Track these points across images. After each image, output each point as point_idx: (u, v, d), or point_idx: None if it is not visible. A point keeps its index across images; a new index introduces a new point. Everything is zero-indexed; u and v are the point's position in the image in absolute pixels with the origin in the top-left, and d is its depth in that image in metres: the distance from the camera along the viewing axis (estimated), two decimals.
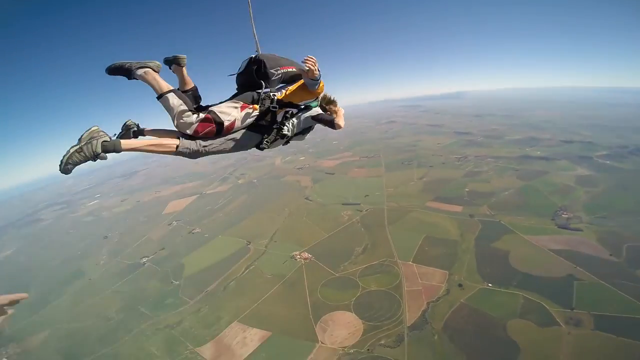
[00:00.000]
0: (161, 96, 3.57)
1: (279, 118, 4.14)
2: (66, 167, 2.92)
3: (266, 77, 4.00)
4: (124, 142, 3.21)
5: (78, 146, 2.98)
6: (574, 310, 28.70)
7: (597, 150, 77.81)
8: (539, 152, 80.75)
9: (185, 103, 3.61)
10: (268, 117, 4.06)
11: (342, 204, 59.54)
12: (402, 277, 36.09)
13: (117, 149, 3.11)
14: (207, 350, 31.92)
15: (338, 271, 39.56)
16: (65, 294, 48.96)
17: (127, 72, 3.54)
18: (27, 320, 42.52)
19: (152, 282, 46.85)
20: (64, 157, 2.91)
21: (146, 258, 54.73)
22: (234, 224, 60.61)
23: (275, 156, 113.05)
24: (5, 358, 36.29)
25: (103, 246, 65.33)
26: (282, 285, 39.58)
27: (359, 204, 58.22)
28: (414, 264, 38.17)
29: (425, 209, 52.58)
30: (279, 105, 4.06)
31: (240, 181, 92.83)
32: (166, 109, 3.58)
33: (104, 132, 3.14)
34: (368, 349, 28.20)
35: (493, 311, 29.77)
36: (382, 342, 28.61)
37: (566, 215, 45.96)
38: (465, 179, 64.36)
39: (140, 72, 3.55)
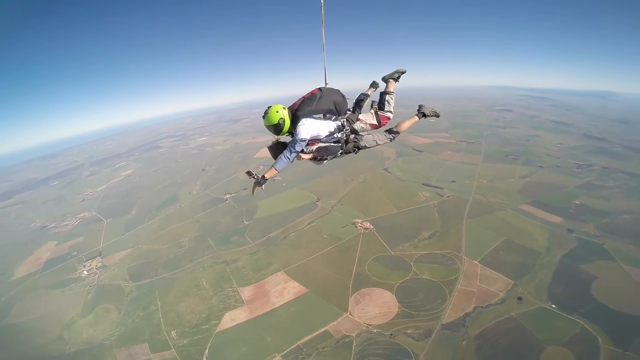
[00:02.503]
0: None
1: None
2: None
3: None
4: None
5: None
6: (627, 352, 24.10)
7: None
8: None
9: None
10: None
11: (423, 184, 56.95)
12: (460, 274, 33.74)
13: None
14: (247, 291, 35.31)
15: (395, 250, 38.74)
16: (157, 216, 58.91)
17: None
18: (119, 238, 52.50)
19: (226, 218, 53.08)
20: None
21: (229, 195, 62.00)
22: (311, 179, 63.23)
23: None
24: (86, 271, 44.25)
25: (199, 178, 76.33)
26: (336, 248, 40.55)
27: (442, 188, 54.82)
28: (480, 264, 35.18)
29: (517, 210, 46.82)
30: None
31: None
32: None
33: None
34: (391, 334, 27.59)
35: (539, 333, 26.54)
36: (409, 331, 27.77)
37: None
38: (579, 190, 54.28)
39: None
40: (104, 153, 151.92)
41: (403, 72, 6.08)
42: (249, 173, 4.60)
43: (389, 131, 5.97)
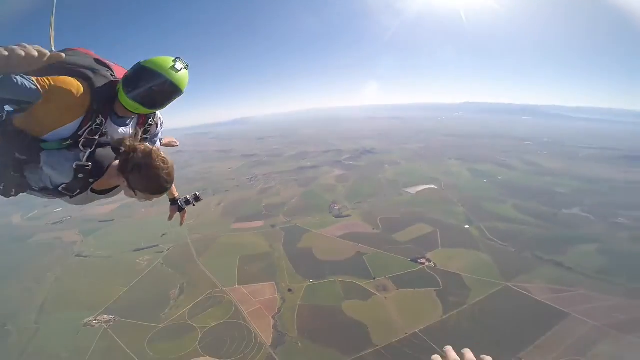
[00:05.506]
0: None
1: None
2: None
3: None
4: None
5: None
6: (376, 279, 36.34)
7: (343, 155, 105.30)
8: (309, 163, 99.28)
9: None
10: None
11: (134, 251, 50.62)
12: (235, 303, 34.95)
13: None
14: None
15: (161, 321, 33.73)
16: None
17: None
18: None
19: None
20: None
21: None
22: None
23: (9, 213, 79.43)
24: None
25: None
26: (93, 358, 30.57)
27: (157, 245, 51.44)
28: (241, 286, 37.72)
29: (231, 231, 53.18)
30: None
31: None
32: None
33: None
34: None
35: (326, 302, 33.41)
36: None
37: (337, 207, 58.72)
38: (260, 196, 69.93)
39: None
40: None
41: None
42: None
43: None
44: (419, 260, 39.18)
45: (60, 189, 2.50)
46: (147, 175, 2.37)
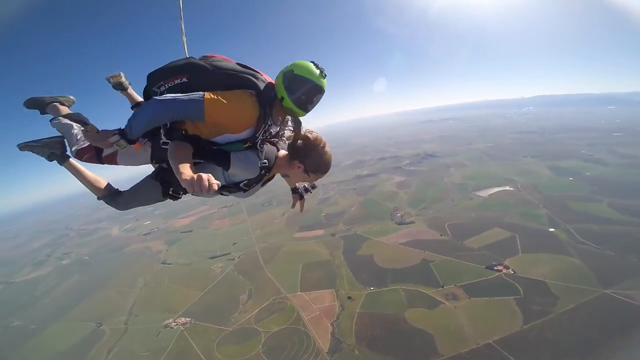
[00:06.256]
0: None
1: None
2: None
3: None
4: None
5: None
6: (445, 287, 33.77)
7: (403, 161, 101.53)
8: (366, 171, 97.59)
9: None
10: None
11: (210, 258, 54.50)
12: (297, 309, 35.33)
13: None
14: None
15: (230, 324, 35.43)
16: None
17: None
18: None
19: None
20: None
21: None
22: (72, 307, 47.03)
23: (109, 227, 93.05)
24: None
25: None
26: (168, 358, 32.98)
27: (229, 253, 54.68)
28: (303, 293, 38.11)
29: (294, 240, 54.17)
30: None
31: (64, 262, 72.48)
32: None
33: None
34: None
35: (387, 310, 32.09)
36: None
37: (399, 214, 56.36)
38: (320, 206, 70.29)
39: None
40: None
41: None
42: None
43: None
44: (495, 268, 35.26)
45: (241, 184, 2.97)
46: (322, 156, 2.93)
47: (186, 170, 2.19)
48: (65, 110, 3.53)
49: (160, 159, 3.05)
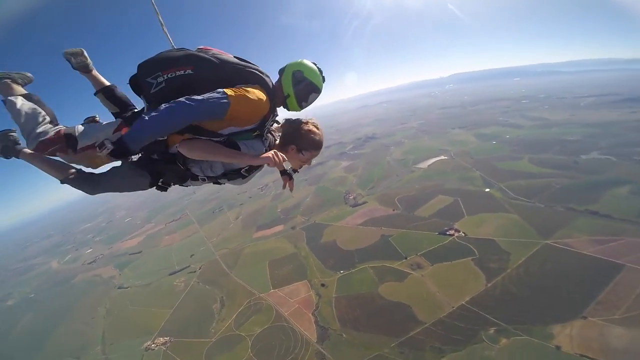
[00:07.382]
0: None
1: None
2: None
3: None
4: None
5: None
6: (408, 259, 35.64)
7: (347, 146, 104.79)
8: (314, 161, 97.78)
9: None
10: None
11: (170, 275, 51.67)
12: (275, 306, 35.32)
13: None
14: None
15: (211, 335, 34.34)
16: None
17: None
18: None
19: None
20: None
21: None
22: (40, 346, 42.79)
23: (47, 261, 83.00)
24: None
25: None
26: None
27: (189, 266, 52.33)
28: (277, 290, 38.06)
29: (254, 240, 53.34)
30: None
31: (9, 302, 63.94)
32: None
33: None
34: None
35: (361, 289, 33.14)
36: None
37: (352, 197, 58.58)
38: (274, 202, 69.91)
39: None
40: None
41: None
42: None
43: None
44: (448, 232, 38.30)
45: (242, 171, 3.03)
46: (315, 135, 3.14)
47: (246, 155, 2.69)
48: (19, 90, 3.05)
49: (151, 151, 2.86)
